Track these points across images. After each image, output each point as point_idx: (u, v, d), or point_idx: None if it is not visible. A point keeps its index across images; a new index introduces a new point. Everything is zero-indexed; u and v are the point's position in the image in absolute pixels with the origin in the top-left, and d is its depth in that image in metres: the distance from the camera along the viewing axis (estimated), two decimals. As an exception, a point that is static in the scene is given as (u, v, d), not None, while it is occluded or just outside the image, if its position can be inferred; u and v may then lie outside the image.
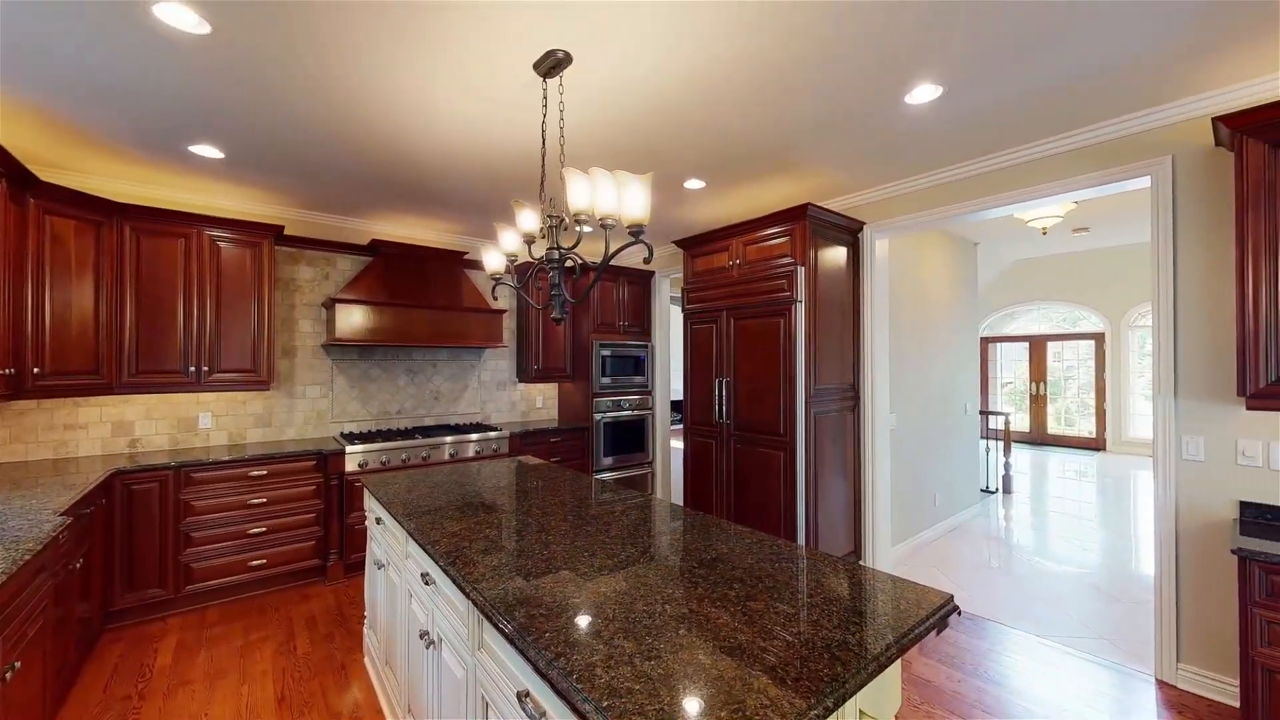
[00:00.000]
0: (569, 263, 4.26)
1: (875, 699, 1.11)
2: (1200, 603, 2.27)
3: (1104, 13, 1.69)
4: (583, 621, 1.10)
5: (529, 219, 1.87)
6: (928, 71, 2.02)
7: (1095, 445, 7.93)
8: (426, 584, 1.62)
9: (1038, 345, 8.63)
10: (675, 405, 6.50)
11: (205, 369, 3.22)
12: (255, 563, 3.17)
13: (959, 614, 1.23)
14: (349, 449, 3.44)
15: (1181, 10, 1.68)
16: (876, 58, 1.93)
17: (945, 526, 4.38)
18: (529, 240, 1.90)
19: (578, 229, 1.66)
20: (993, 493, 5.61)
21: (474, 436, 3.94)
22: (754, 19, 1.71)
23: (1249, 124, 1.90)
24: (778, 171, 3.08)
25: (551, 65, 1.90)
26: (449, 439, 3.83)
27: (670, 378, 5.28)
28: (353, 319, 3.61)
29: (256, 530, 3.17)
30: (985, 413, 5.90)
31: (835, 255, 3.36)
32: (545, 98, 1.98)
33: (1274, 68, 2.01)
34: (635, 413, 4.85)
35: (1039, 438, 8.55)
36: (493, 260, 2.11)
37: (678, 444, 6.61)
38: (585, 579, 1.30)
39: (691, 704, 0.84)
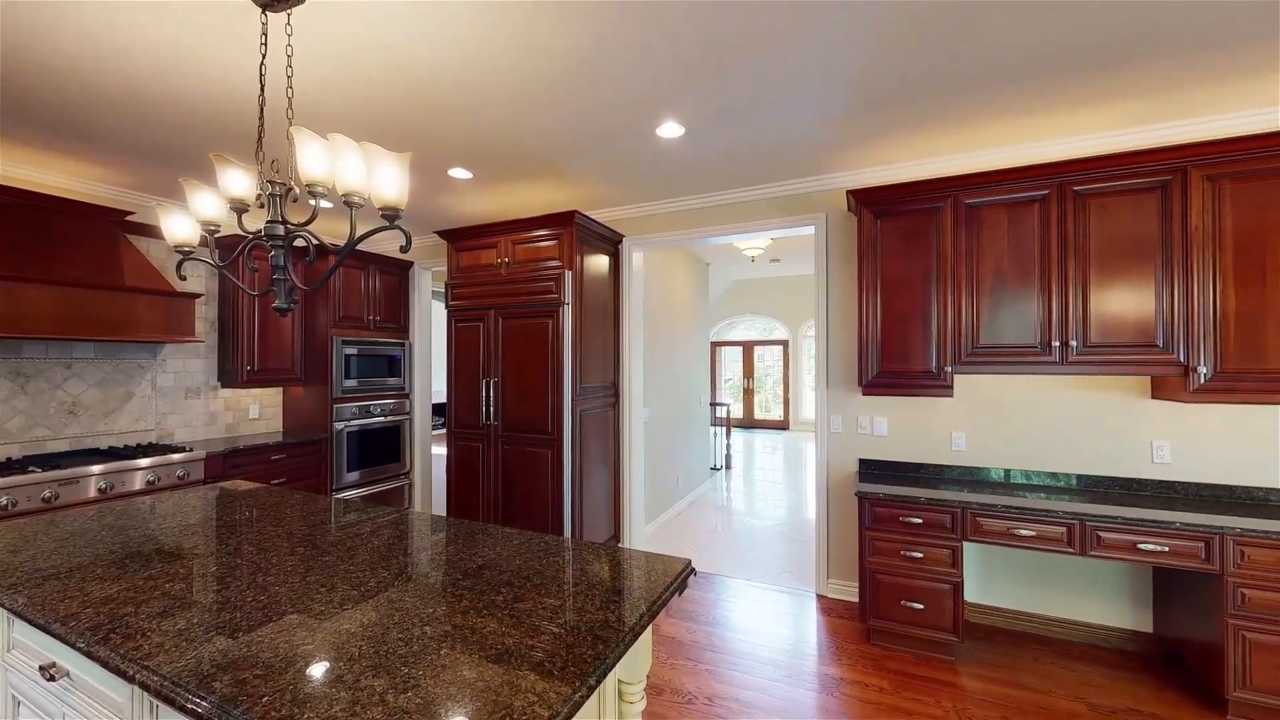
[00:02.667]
0: (299, 242, 3.54)
1: (631, 665, 1.23)
2: (841, 533, 3.19)
3: (787, 100, 2.22)
4: (318, 670, 0.92)
5: (239, 181, 1.48)
6: (673, 112, 2.34)
7: (783, 426, 10.42)
8: (52, 680, 1.13)
9: (748, 349, 10.89)
10: (438, 408, 6.00)
11: None
12: None
13: (695, 575, 1.47)
14: (-124, 500, 2.16)
15: (831, 111, 2.34)
16: (632, 88, 2.14)
17: (686, 501, 5.14)
18: (239, 208, 1.51)
19: (312, 203, 1.39)
20: (719, 469, 6.84)
21: (143, 462, 2.92)
22: (519, 19, 1.71)
23: (863, 198, 2.76)
24: (548, 175, 3.14)
25: (275, -3, 1.55)
26: (96, 469, 2.75)
27: (432, 379, 4.87)
28: (-113, 293, 2.28)
29: None
30: (714, 404, 7.15)
31: (599, 263, 3.61)
32: (266, 35, 1.60)
33: (886, 160, 2.95)
34: (389, 419, 4.32)
35: (749, 422, 10.78)
36: (179, 227, 1.60)
37: (441, 450, 6.15)
38: (322, 619, 1.10)
39: (455, 725, 0.79)
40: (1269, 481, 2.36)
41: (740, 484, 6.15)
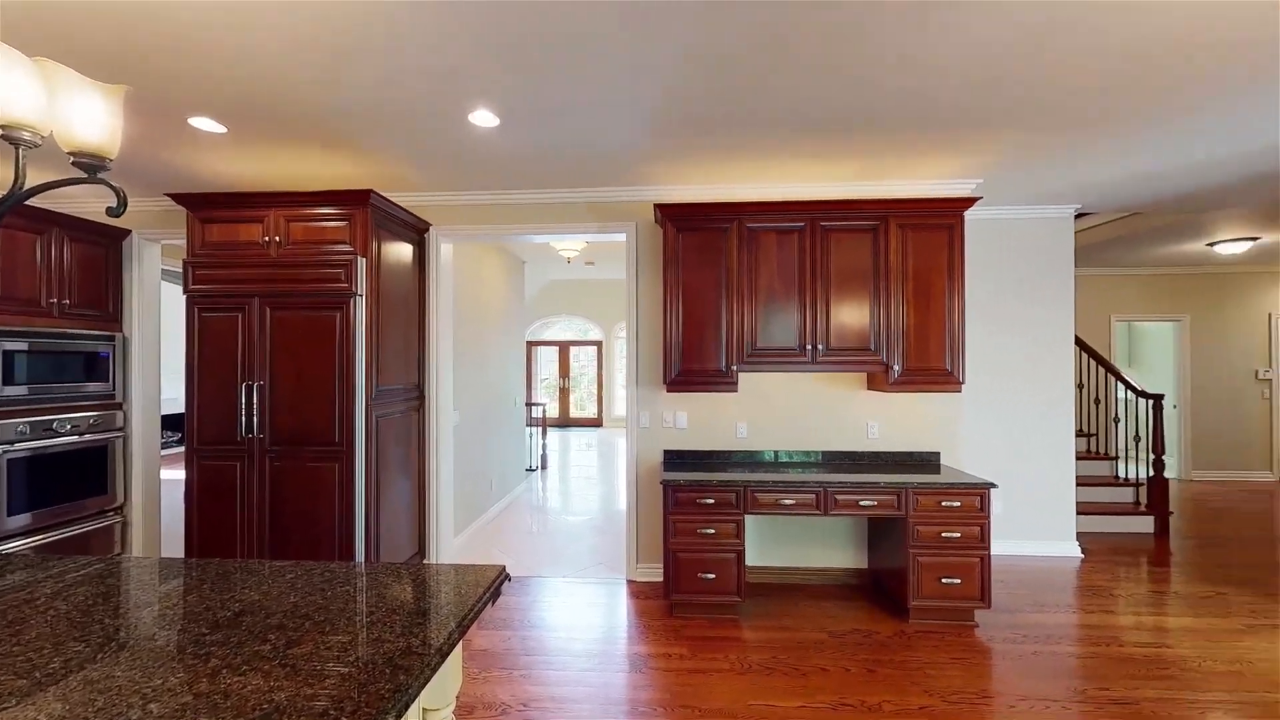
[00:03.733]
0: (-88, 184, 2.40)
1: (439, 689, 1.14)
2: (648, 521, 3.44)
3: (601, 109, 2.31)
4: (-52, 808, 0.64)
5: None
6: (487, 100, 2.24)
7: (597, 423, 10.81)
8: None
9: (564, 349, 11.04)
10: (173, 421, 4.65)
11: None
12: None
13: (510, 580, 1.42)
14: None
15: (640, 126, 2.50)
16: (441, 64, 1.97)
17: (501, 505, 4.97)
18: None
19: (-61, 130, 0.95)
20: (535, 470, 6.77)
21: None
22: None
23: (668, 213, 3.03)
24: (336, 145, 2.71)
25: None
26: None
27: (162, 383, 3.79)
28: None
29: None
30: (529, 404, 7.05)
31: (401, 251, 3.25)
32: None
33: (689, 180, 3.25)
34: (86, 438, 3.21)
35: (565, 421, 10.92)
36: None
37: (177, 474, 4.79)
38: (-44, 732, 0.76)
39: (198, 820, 0.62)
40: (932, 448, 3.31)
41: (556, 483, 6.19)
